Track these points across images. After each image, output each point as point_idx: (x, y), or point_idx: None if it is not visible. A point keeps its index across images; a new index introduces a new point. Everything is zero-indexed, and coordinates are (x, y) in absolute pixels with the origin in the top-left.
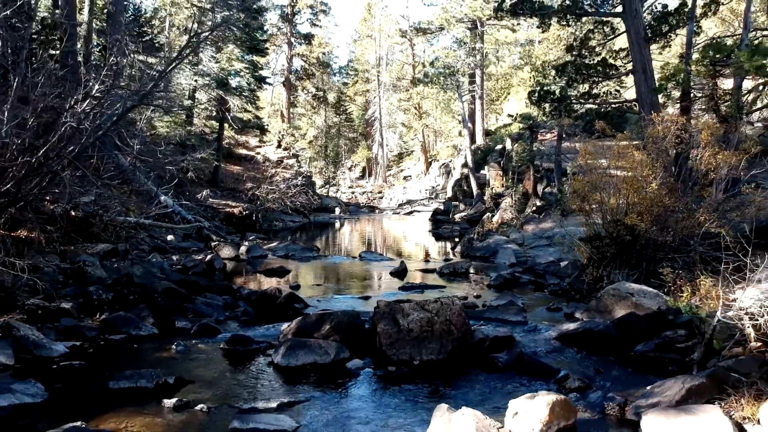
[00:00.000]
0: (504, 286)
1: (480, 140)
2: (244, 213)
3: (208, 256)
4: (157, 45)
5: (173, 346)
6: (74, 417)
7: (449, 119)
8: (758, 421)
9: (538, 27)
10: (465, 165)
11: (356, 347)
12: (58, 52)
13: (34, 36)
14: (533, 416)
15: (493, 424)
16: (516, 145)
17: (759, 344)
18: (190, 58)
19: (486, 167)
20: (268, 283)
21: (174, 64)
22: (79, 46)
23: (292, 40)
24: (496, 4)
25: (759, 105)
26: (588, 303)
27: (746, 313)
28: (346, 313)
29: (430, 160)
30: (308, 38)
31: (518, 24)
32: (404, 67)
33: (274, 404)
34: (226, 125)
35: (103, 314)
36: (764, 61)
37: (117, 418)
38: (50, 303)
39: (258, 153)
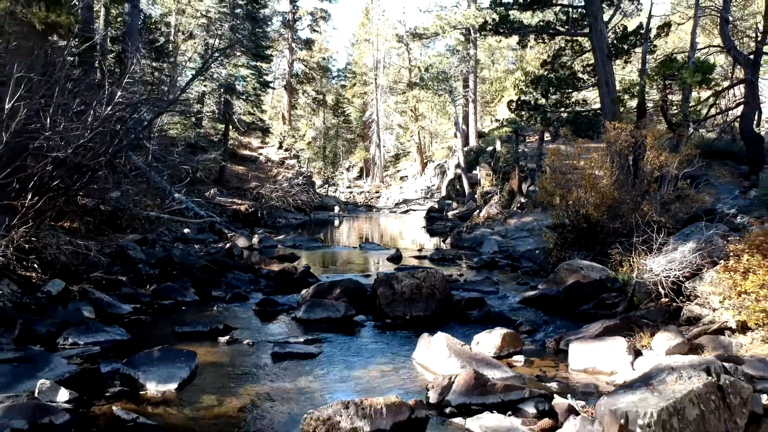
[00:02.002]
0: (484, 268)
1: (473, 142)
2: (250, 210)
3: (228, 245)
4: (166, 51)
5: (214, 308)
6: (156, 346)
7: (445, 121)
8: (651, 347)
9: (518, 43)
10: (458, 166)
11: (361, 307)
12: (76, 58)
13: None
14: (489, 343)
15: (459, 342)
16: (502, 147)
17: (666, 300)
18: (201, 63)
19: (478, 167)
20: (282, 266)
21: (199, 74)
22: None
23: (293, 45)
24: (482, 21)
25: (712, 113)
26: (548, 276)
27: (655, 275)
28: (352, 281)
29: (425, 161)
30: (308, 43)
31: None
32: (401, 71)
33: (301, 339)
34: (230, 127)
35: (152, 285)
36: (706, 77)
37: (187, 348)
38: (109, 276)
39: (260, 154)
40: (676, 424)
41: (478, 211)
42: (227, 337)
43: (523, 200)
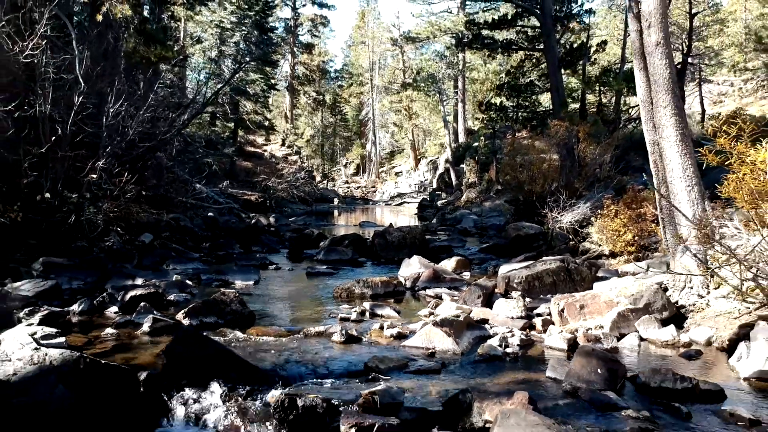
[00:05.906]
0: (459, 234)
1: (462, 138)
2: (260, 200)
3: (253, 221)
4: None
5: (256, 255)
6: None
7: (437, 120)
8: None
9: (488, 56)
10: (447, 161)
11: (362, 253)
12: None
13: None
14: (448, 265)
15: (427, 261)
16: (483, 142)
17: (573, 243)
18: (212, 68)
19: (465, 161)
20: (301, 232)
21: (230, 79)
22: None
23: (295, 49)
24: (459, 37)
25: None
26: (501, 234)
27: (564, 224)
28: (357, 235)
29: (419, 157)
30: (309, 47)
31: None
32: (395, 72)
33: (323, 266)
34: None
35: (207, 243)
36: (630, 85)
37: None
38: (175, 235)
39: (265, 150)
40: (537, 284)
41: (461, 197)
42: (273, 267)
43: (499, 187)
